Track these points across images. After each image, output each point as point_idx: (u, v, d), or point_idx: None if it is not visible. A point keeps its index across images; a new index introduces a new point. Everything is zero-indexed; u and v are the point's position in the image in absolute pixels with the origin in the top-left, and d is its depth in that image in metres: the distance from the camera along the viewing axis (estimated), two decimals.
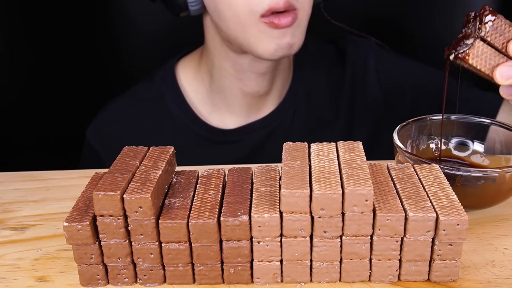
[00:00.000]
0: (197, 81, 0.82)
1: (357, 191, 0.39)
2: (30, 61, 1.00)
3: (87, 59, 1.02)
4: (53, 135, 1.03)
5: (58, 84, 1.02)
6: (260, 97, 0.79)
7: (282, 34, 0.65)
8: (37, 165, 0.69)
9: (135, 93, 0.84)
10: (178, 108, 0.81)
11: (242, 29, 0.66)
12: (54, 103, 1.02)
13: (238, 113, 0.81)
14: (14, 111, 0.98)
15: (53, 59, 1.00)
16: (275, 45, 0.66)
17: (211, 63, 0.78)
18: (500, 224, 0.50)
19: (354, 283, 0.42)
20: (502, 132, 0.56)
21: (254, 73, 0.75)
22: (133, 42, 1.04)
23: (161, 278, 0.43)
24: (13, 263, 0.46)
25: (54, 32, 0.99)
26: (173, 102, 0.81)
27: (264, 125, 0.81)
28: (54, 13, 0.98)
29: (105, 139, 0.83)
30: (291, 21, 0.64)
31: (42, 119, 1.02)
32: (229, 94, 0.79)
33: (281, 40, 0.65)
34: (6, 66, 0.96)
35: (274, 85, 0.79)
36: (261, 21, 0.64)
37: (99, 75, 1.03)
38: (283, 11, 0.64)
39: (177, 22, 0.88)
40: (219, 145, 0.81)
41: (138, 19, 1.03)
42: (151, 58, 0.94)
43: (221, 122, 0.81)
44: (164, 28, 1.00)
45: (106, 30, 1.03)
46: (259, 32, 0.65)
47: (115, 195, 0.39)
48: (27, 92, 1.00)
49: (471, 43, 0.47)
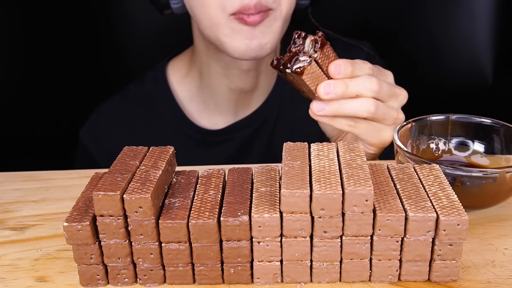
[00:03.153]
0: (188, 80, 0.82)
1: (357, 191, 0.39)
2: (28, 60, 1.00)
3: (85, 57, 1.02)
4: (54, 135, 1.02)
5: (57, 83, 1.01)
6: (247, 94, 0.80)
7: (252, 34, 0.66)
8: (37, 165, 0.69)
9: (127, 94, 0.85)
10: (168, 108, 0.82)
11: (214, 28, 0.67)
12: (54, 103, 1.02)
13: (227, 111, 0.81)
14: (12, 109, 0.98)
15: (52, 58, 1.00)
16: (245, 46, 0.66)
17: (200, 61, 0.79)
18: (501, 224, 0.50)
19: (354, 283, 0.42)
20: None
21: (238, 69, 0.76)
22: (132, 40, 1.04)
23: (161, 278, 0.42)
24: (13, 263, 0.46)
25: (51, 32, 0.99)
26: (163, 102, 0.82)
27: (251, 122, 0.81)
28: (52, 12, 0.98)
29: (97, 139, 0.83)
30: (260, 19, 0.64)
31: (42, 119, 1.02)
32: (217, 92, 0.79)
33: (251, 41, 0.66)
34: (3, 64, 0.96)
35: (260, 82, 0.80)
36: (231, 18, 0.65)
37: (98, 74, 1.03)
38: (254, 13, 0.64)
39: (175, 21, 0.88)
40: (208, 144, 0.82)
41: (137, 18, 1.03)
42: (149, 58, 0.94)
43: (210, 122, 0.82)
44: (163, 26, 1.01)
45: (105, 29, 1.03)
46: (230, 30, 0.66)
47: (115, 195, 0.39)
48: (24, 91, 1.00)
49: (309, 62, 0.53)
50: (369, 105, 0.55)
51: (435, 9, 1.02)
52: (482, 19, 1.01)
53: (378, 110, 0.56)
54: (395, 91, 0.58)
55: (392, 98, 0.57)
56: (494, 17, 1.00)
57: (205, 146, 0.82)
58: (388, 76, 0.59)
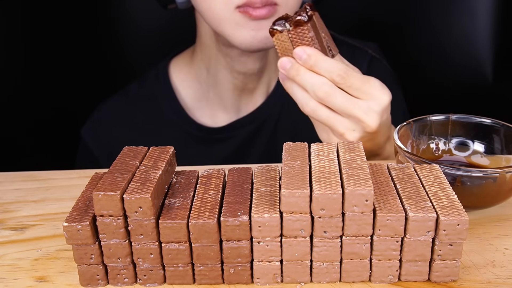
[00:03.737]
0: (191, 77, 0.82)
1: (357, 191, 0.39)
2: (28, 59, 0.99)
3: (86, 56, 1.02)
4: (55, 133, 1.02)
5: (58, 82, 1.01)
6: (251, 90, 0.80)
7: (259, 26, 0.65)
8: (37, 165, 0.69)
9: (128, 92, 0.85)
10: (170, 107, 0.82)
11: (218, 21, 0.67)
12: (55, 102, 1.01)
13: (230, 108, 0.81)
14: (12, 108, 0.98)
15: (52, 57, 1.00)
16: (251, 37, 0.66)
17: (207, 57, 0.79)
18: (501, 224, 0.50)
19: (354, 283, 0.42)
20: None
21: (244, 64, 0.76)
22: (133, 39, 1.04)
23: (161, 278, 0.42)
24: (13, 263, 0.46)
25: (51, 32, 0.98)
26: (165, 101, 0.82)
27: (253, 119, 0.81)
28: (51, 11, 0.98)
29: (98, 138, 0.83)
30: (267, 13, 0.64)
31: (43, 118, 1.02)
32: (222, 88, 0.79)
33: (257, 32, 0.66)
34: (3, 63, 0.96)
35: (263, 78, 0.80)
36: (236, 12, 0.65)
37: (99, 73, 1.03)
38: (260, 6, 0.64)
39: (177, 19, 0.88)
40: (210, 142, 0.82)
41: (138, 17, 1.03)
42: (150, 56, 0.94)
43: (212, 120, 0.82)
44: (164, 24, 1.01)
45: (106, 28, 1.03)
46: (235, 24, 0.66)
47: (115, 195, 0.39)
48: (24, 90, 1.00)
49: (281, 30, 0.56)
50: (304, 104, 0.56)
51: (436, 8, 1.02)
52: (482, 18, 1.01)
53: (316, 113, 0.56)
54: (353, 112, 0.55)
55: (348, 117, 0.55)
56: (495, 16, 1.00)
57: (207, 143, 0.82)
58: (365, 94, 0.56)
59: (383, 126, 0.57)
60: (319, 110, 0.56)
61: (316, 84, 0.55)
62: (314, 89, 0.55)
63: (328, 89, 0.55)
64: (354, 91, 0.55)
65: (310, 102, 0.56)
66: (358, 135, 0.56)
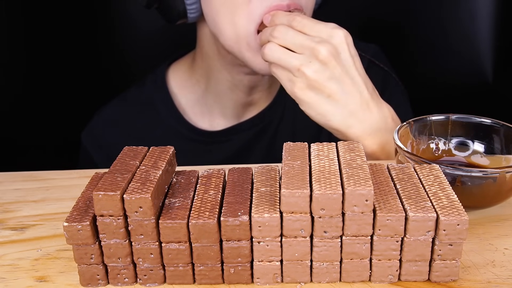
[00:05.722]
0: (190, 84, 0.82)
1: (357, 191, 0.39)
2: (29, 63, 1.00)
3: (86, 61, 1.02)
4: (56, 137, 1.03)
5: (58, 86, 1.02)
6: (253, 100, 0.79)
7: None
8: (37, 165, 0.69)
9: (127, 97, 0.85)
10: (168, 112, 0.81)
11: (240, 46, 0.67)
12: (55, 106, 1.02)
13: (230, 116, 0.81)
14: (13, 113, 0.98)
15: (52, 62, 1.00)
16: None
17: (208, 67, 0.78)
18: (501, 224, 0.50)
19: (354, 283, 0.42)
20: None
21: (248, 81, 0.77)
22: (133, 42, 1.04)
23: (161, 278, 0.42)
24: (13, 263, 0.46)
25: (51, 36, 0.99)
26: (163, 106, 0.82)
27: (253, 125, 0.81)
28: (54, 17, 0.98)
29: (97, 143, 0.83)
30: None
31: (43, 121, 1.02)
32: (224, 98, 0.79)
33: None
34: (4, 67, 0.96)
35: (266, 88, 0.79)
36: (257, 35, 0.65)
37: (99, 77, 1.03)
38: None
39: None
40: (208, 146, 0.82)
41: (137, 20, 1.03)
42: (150, 61, 0.94)
43: (211, 125, 0.82)
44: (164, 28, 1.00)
45: (105, 32, 1.03)
46: (256, 45, 0.66)
47: (115, 195, 0.39)
48: (25, 94, 1.00)
49: None
50: (263, 48, 0.61)
51: (436, 8, 1.02)
52: (482, 19, 1.01)
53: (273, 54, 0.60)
54: (305, 43, 0.59)
55: (302, 50, 0.59)
56: (495, 16, 1.00)
57: (205, 148, 0.82)
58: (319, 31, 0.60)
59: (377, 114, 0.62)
60: (276, 51, 0.60)
61: (274, 28, 0.61)
62: (272, 32, 0.61)
63: (282, 29, 0.60)
64: (308, 30, 0.60)
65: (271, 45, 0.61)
66: (315, 67, 0.58)
